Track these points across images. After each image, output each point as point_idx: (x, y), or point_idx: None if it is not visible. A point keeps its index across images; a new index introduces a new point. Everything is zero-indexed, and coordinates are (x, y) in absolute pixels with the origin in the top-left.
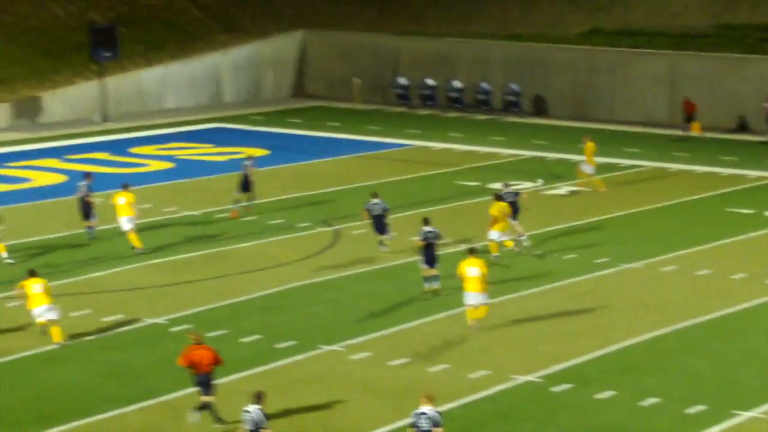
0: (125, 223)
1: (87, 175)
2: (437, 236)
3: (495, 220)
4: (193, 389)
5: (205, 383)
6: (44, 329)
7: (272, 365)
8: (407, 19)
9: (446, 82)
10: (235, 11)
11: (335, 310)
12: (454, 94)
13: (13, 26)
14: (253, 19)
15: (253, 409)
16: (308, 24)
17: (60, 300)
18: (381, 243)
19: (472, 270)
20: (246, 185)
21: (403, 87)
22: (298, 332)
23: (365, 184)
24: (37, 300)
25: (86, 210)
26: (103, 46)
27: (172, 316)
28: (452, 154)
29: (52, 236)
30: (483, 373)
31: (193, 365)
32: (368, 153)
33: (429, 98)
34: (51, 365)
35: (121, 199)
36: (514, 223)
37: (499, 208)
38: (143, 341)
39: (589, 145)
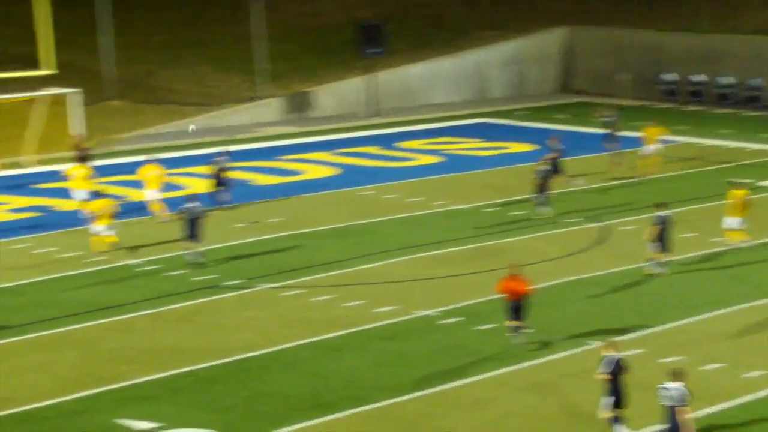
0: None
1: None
2: (666, 220)
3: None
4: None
5: (517, 309)
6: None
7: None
8: (674, 15)
9: (713, 78)
10: (501, 7)
11: (599, 307)
12: (722, 91)
13: (284, 24)
14: (519, 15)
15: (673, 387)
16: (573, 20)
17: (335, 290)
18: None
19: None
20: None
21: (670, 83)
22: (567, 328)
23: (623, 181)
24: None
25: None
26: (371, 43)
27: (442, 309)
28: (722, 151)
29: (324, 228)
30: (758, 373)
31: (508, 292)
32: (632, 149)
33: (696, 94)
34: (328, 354)
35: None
36: None
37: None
38: (415, 332)
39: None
